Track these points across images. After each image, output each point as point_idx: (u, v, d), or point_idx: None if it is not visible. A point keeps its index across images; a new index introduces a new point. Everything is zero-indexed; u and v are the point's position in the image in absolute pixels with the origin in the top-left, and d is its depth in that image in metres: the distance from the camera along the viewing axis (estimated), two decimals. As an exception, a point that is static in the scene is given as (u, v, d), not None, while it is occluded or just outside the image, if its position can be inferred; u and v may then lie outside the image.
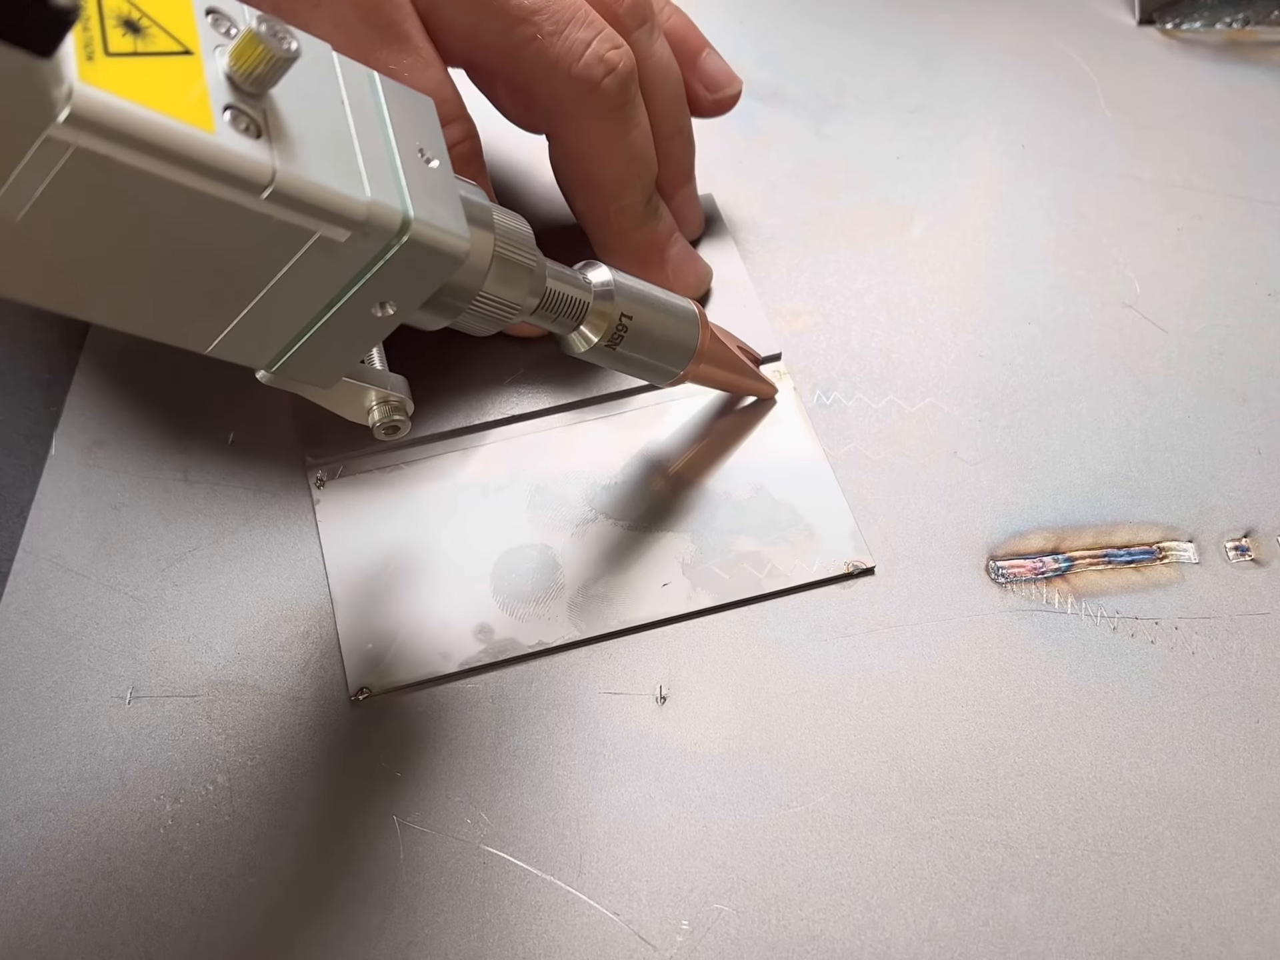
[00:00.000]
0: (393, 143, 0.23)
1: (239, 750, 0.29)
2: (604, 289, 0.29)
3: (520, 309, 0.27)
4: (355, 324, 0.23)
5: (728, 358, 0.33)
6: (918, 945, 0.27)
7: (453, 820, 0.28)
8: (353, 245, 0.21)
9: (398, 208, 0.22)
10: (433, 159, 0.23)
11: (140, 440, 0.35)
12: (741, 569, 0.32)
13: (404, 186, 0.22)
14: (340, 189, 0.21)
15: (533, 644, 0.31)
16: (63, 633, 0.31)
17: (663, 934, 0.27)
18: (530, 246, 0.27)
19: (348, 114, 0.22)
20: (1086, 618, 0.32)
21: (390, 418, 0.27)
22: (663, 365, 0.31)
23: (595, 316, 0.29)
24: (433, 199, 0.23)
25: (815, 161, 0.42)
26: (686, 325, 0.31)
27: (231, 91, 0.20)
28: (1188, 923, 0.27)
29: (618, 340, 0.30)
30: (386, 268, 0.22)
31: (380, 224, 0.21)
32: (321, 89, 0.22)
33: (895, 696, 0.30)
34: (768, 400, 0.35)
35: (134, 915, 0.27)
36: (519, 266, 0.27)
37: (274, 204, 0.20)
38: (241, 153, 0.19)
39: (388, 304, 0.23)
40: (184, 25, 0.20)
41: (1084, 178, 0.42)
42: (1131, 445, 0.35)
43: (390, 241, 0.22)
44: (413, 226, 0.22)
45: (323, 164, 0.21)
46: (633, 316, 0.30)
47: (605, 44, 0.32)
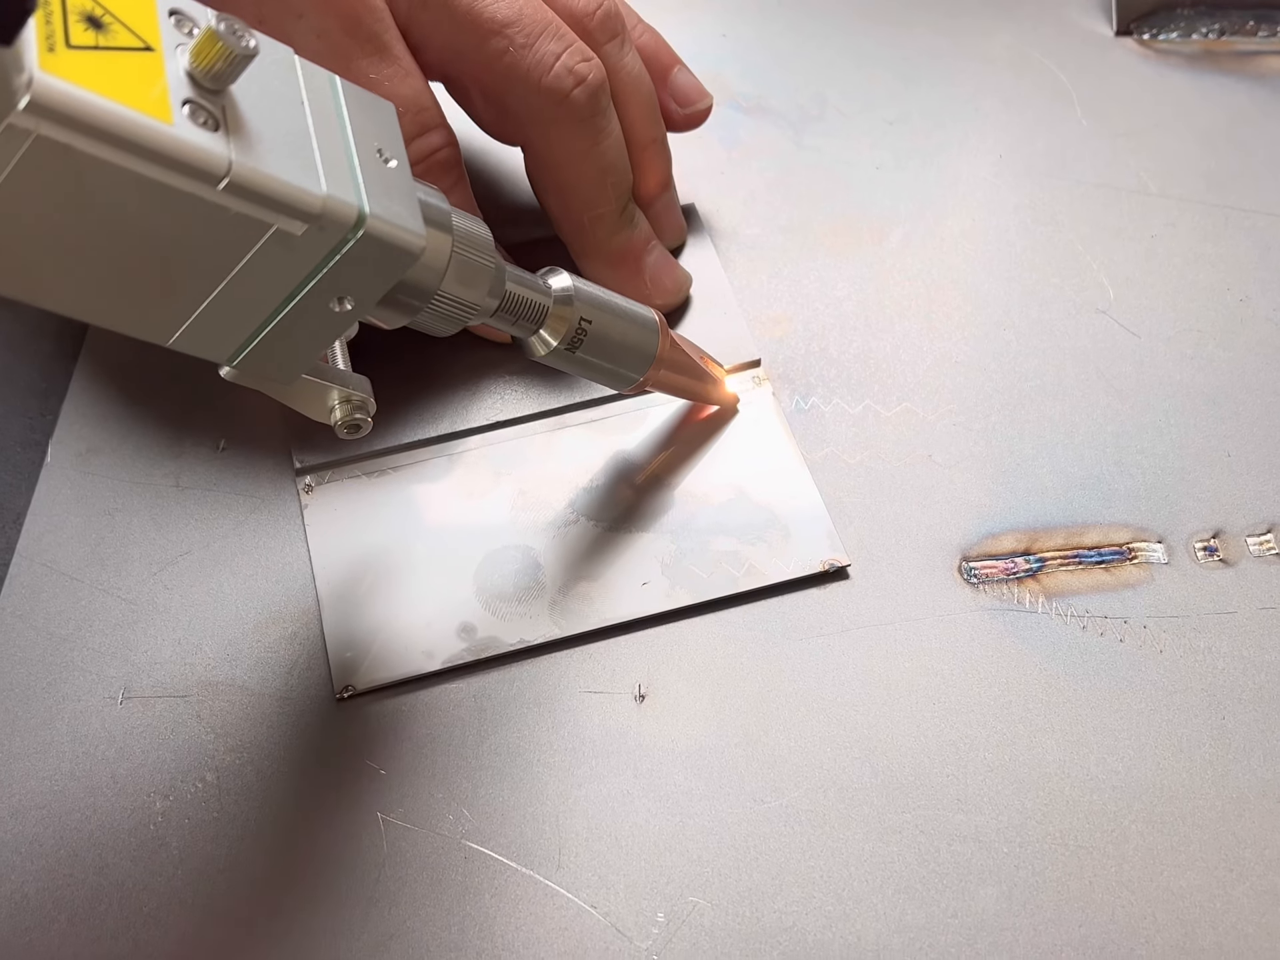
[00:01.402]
0: (351, 142, 0.23)
1: (228, 749, 0.30)
2: (564, 294, 0.30)
3: (479, 310, 0.28)
4: (314, 319, 0.24)
5: (688, 365, 0.34)
6: (888, 937, 0.28)
7: (435, 816, 0.29)
8: (309, 239, 0.22)
9: (353, 203, 0.22)
10: (391, 159, 0.24)
11: (133, 448, 0.35)
12: (720, 568, 0.32)
13: (360, 183, 0.23)
14: (296, 182, 0.21)
15: (514, 642, 0.31)
16: (57, 635, 0.32)
17: (639, 926, 0.28)
18: (489, 249, 0.28)
19: (307, 113, 0.23)
20: (1057, 617, 0.33)
21: (351, 416, 0.28)
22: (622, 370, 0.32)
23: (555, 320, 0.30)
24: (389, 197, 0.23)
25: (796, 172, 0.43)
26: (646, 332, 0.32)
27: (192, 87, 0.21)
28: (1152, 914, 0.28)
29: (577, 344, 0.31)
30: (343, 262, 0.23)
31: (335, 218, 0.22)
32: (281, 88, 0.23)
33: (868, 695, 0.31)
34: (730, 410, 0.36)
35: (124, 909, 0.28)
36: (477, 268, 0.27)
37: (230, 195, 0.21)
38: (198, 144, 0.20)
39: (345, 299, 0.24)
40: (146, 23, 0.21)
41: (1060, 186, 0.42)
42: (1103, 448, 0.36)
43: (346, 236, 0.22)
44: (368, 221, 0.22)
45: (280, 158, 0.21)
46: (592, 321, 0.31)
47: (575, 56, 0.33)
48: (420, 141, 0.32)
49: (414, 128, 0.32)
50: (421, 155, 0.33)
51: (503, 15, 0.33)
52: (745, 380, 0.37)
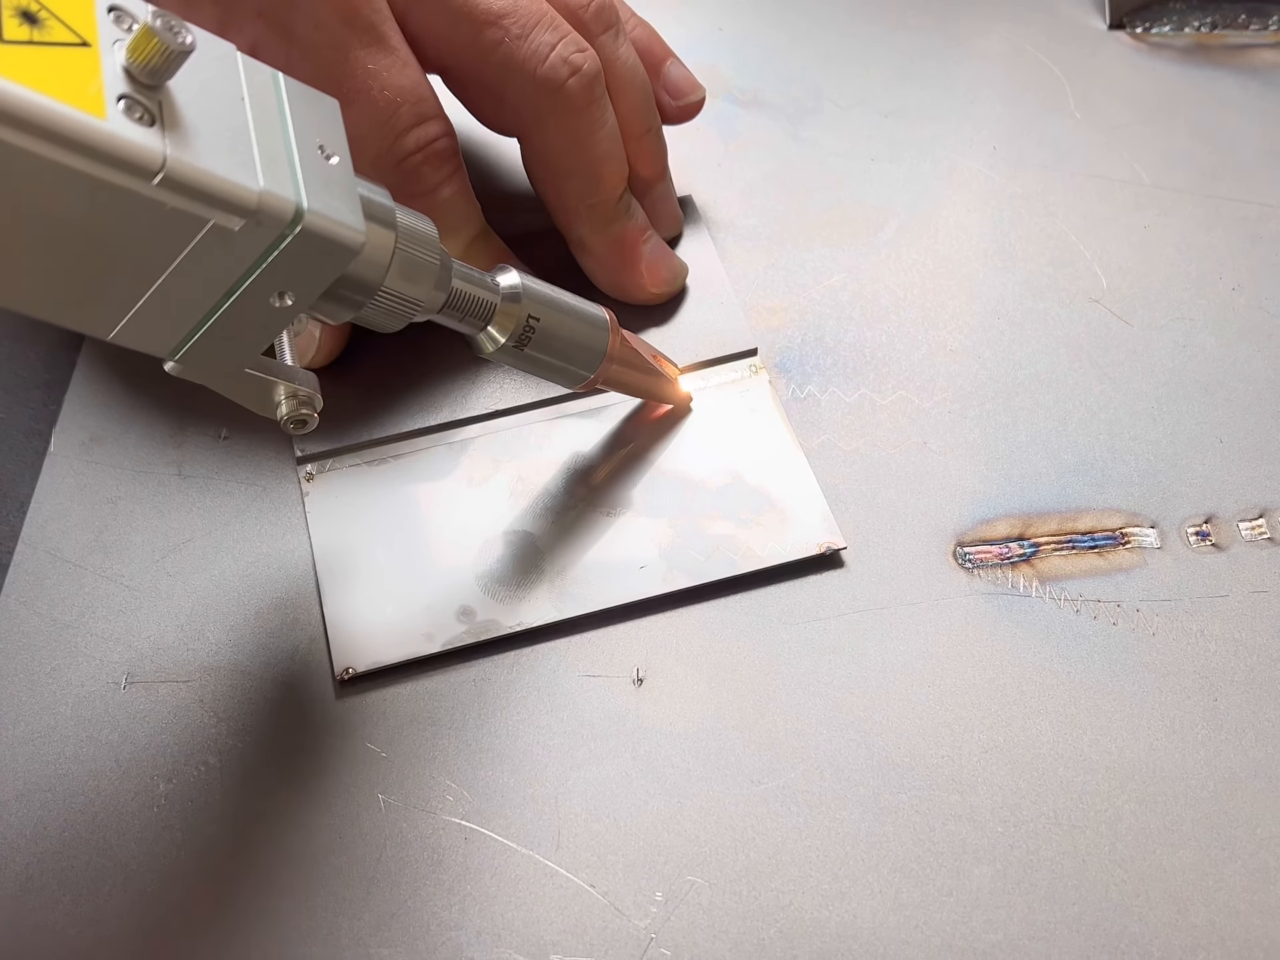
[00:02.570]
0: (291, 137, 0.23)
1: (230, 733, 0.30)
2: (511, 291, 0.30)
3: (424, 306, 0.28)
4: (255, 314, 0.24)
5: (639, 364, 0.34)
6: (883, 915, 0.28)
7: (435, 797, 0.29)
8: (247, 234, 0.22)
9: (291, 198, 0.22)
10: (333, 156, 0.24)
11: (136, 437, 0.36)
12: (717, 551, 0.33)
13: (299, 178, 0.23)
14: (232, 177, 0.21)
15: (513, 624, 0.32)
16: (61, 621, 0.32)
17: (637, 905, 0.28)
18: (433, 246, 0.28)
19: (247, 108, 0.23)
20: (1050, 601, 0.33)
21: (298, 412, 0.28)
22: (572, 368, 0.32)
23: (502, 317, 0.30)
24: (329, 192, 0.23)
25: (792, 164, 0.43)
26: (596, 330, 0.32)
27: (128, 83, 0.21)
28: (1145, 892, 0.28)
29: (525, 341, 0.31)
30: (281, 257, 0.23)
31: (272, 213, 0.22)
32: (222, 84, 0.23)
33: (864, 678, 0.31)
34: (683, 409, 0.36)
35: (128, 890, 0.28)
36: (421, 264, 0.27)
37: (166, 190, 0.21)
38: (132, 139, 0.20)
39: (286, 294, 0.24)
40: (83, 19, 0.21)
41: (1053, 177, 0.43)
42: (1096, 435, 0.36)
43: (284, 231, 0.23)
44: (306, 217, 0.23)
45: (216, 153, 0.22)
46: (540, 318, 0.31)
47: (570, 47, 0.33)
48: (418, 131, 0.33)
49: (411, 118, 0.33)
50: (419, 145, 0.33)
51: (498, 7, 0.33)
52: (742, 369, 0.37)
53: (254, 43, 0.33)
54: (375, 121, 0.32)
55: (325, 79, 0.32)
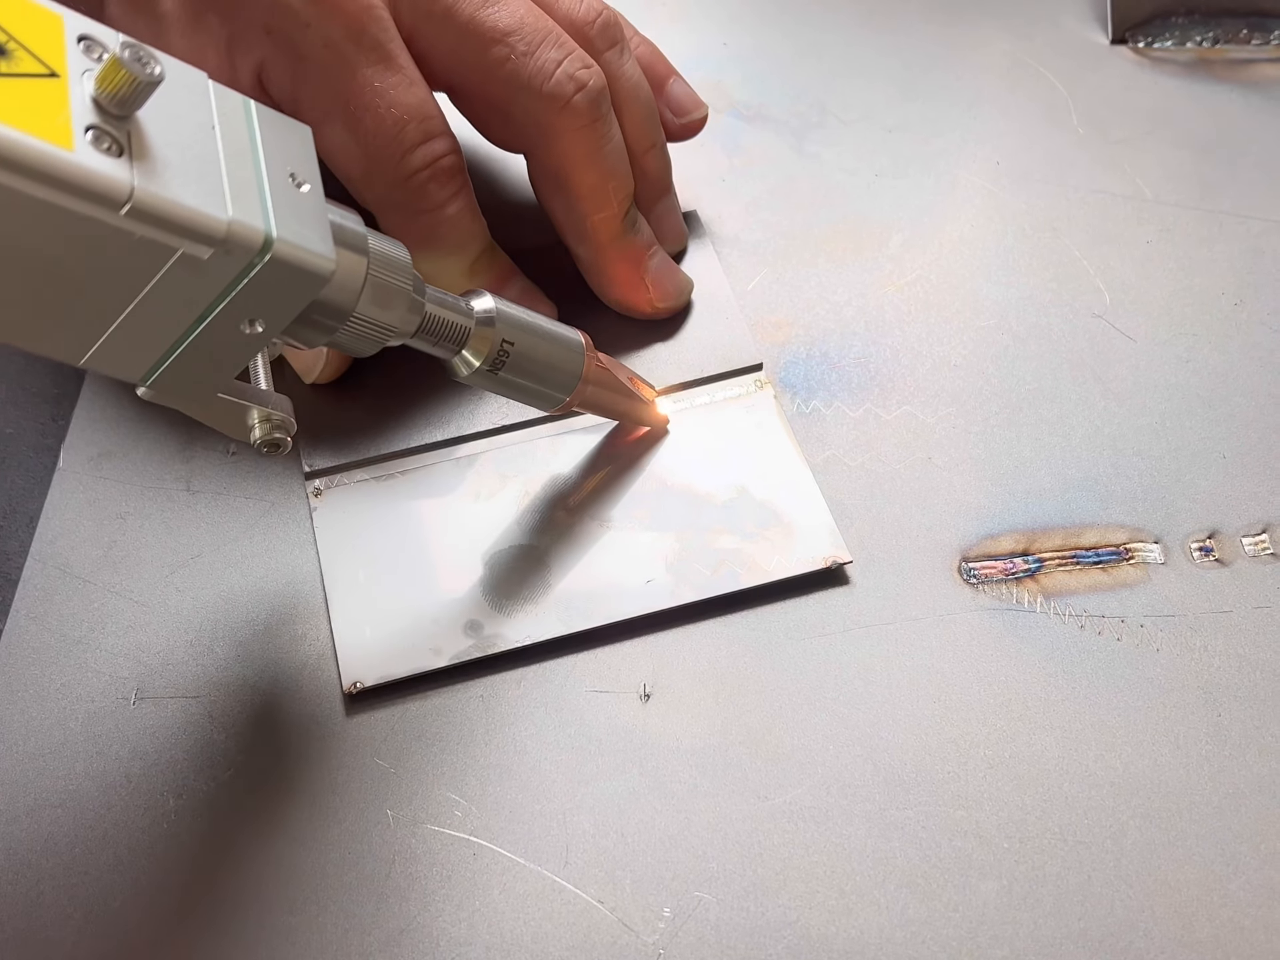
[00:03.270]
0: (262, 166, 0.24)
1: (239, 748, 0.31)
2: (486, 315, 0.30)
3: (397, 331, 0.28)
4: (225, 341, 0.24)
5: (615, 386, 0.34)
6: (890, 931, 0.28)
7: (444, 813, 0.30)
8: (216, 262, 0.22)
9: (260, 226, 0.23)
10: (304, 184, 0.24)
11: (145, 452, 0.36)
12: (723, 565, 0.33)
13: (269, 207, 0.23)
14: (201, 207, 0.22)
15: (521, 638, 0.32)
16: (70, 637, 0.32)
17: (645, 921, 0.28)
18: (406, 271, 0.28)
19: (218, 137, 0.23)
20: (1055, 616, 0.33)
21: (271, 435, 0.28)
22: (547, 391, 0.32)
23: (477, 341, 0.30)
24: (299, 220, 0.24)
25: (796, 179, 0.43)
26: (571, 353, 0.32)
27: (97, 113, 0.21)
28: (1150, 908, 0.29)
29: (500, 365, 0.31)
30: (251, 285, 0.23)
31: (241, 242, 0.22)
32: (192, 113, 0.23)
33: (870, 693, 0.32)
34: (660, 431, 0.36)
35: (139, 905, 0.28)
36: (394, 290, 0.28)
37: (133, 220, 0.21)
38: (99, 169, 0.20)
39: (256, 321, 0.24)
40: (52, 50, 0.21)
41: (1056, 192, 0.43)
42: (1100, 450, 0.36)
43: (253, 259, 0.23)
44: (275, 245, 0.23)
45: (185, 183, 0.22)
46: (514, 343, 0.31)
47: (575, 63, 0.34)
48: (424, 148, 0.33)
49: (418, 135, 0.33)
50: (426, 162, 0.33)
51: (504, 24, 0.34)
52: (747, 384, 0.37)
53: (262, 61, 0.33)
54: (382, 139, 0.33)
55: (333, 97, 0.33)
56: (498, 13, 0.34)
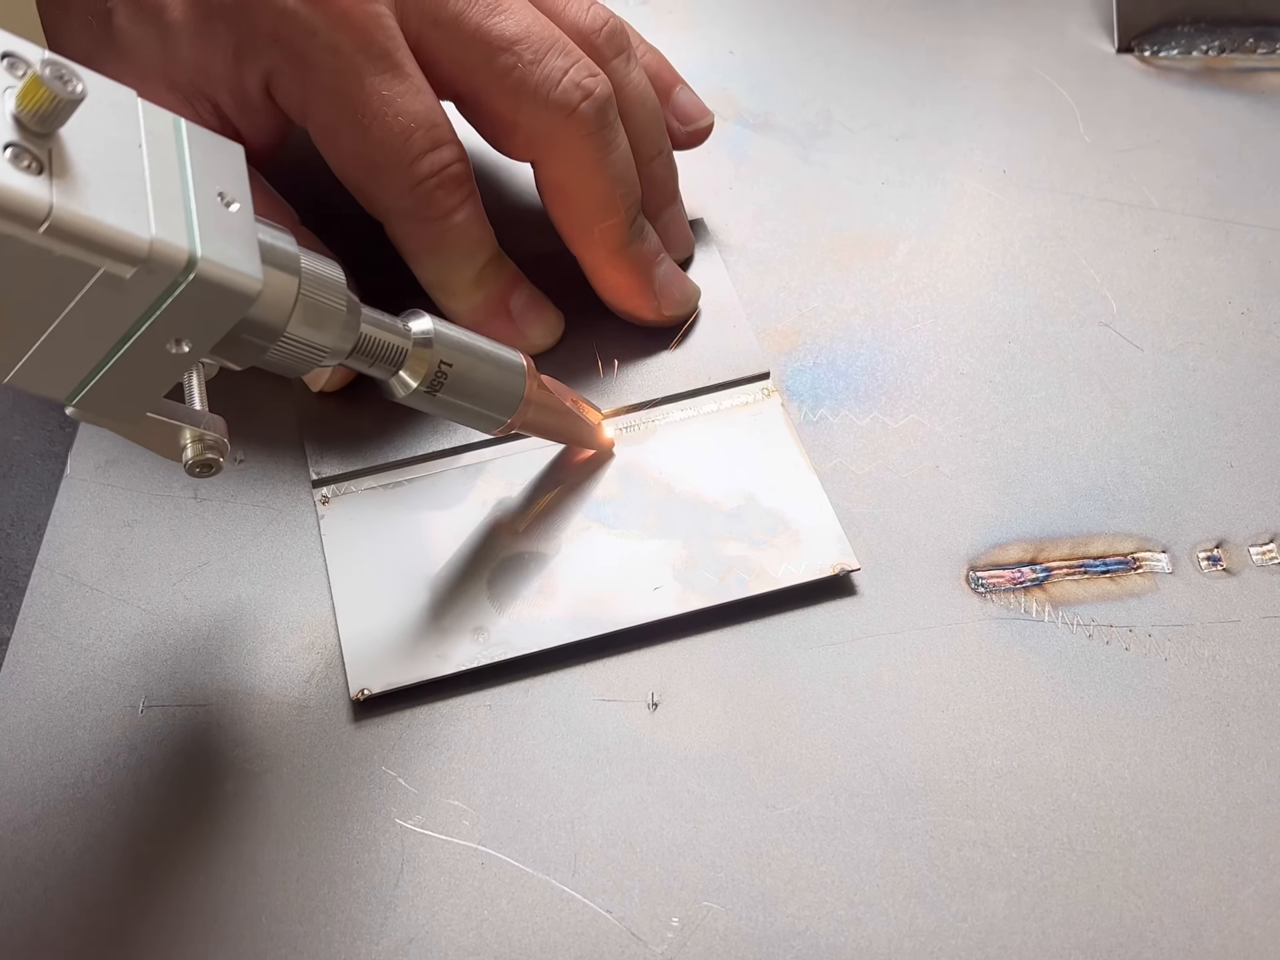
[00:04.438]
0: (190, 185, 0.23)
1: (246, 756, 0.31)
2: (423, 336, 0.30)
3: (331, 352, 0.28)
4: (151, 360, 0.24)
5: (558, 409, 0.34)
6: (899, 940, 0.28)
7: (451, 822, 0.30)
8: (139, 281, 0.22)
9: (184, 245, 0.22)
10: (234, 203, 0.24)
11: (152, 460, 0.36)
12: (731, 572, 0.33)
13: (195, 226, 0.23)
14: (122, 225, 0.22)
15: (528, 645, 0.32)
16: (78, 645, 0.32)
17: (654, 930, 0.28)
18: (339, 292, 0.28)
19: (144, 156, 0.23)
20: (1063, 625, 0.33)
21: (203, 455, 0.27)
22: (487, 413, 0.32)
23: (414, 362, 0.30)
24: (225, 240, 0.23)
25: (803, 187, 0.43)
26: (512, 375, 0.32)
27: (17, 130, 0.21)
28: (1159, 918, 0.29)
29: (438, 386, 0.31)
30: (176, 304, 0.23)
31: (164, 261, 0.22)
32: (118, 132, 0.23)
33: (878, 702, 0.32)
34: (606, 454, 0.36)
35: (147, 915, 0.28)
36: (326, 310, 0.27)
37: (52, 238, 0.21)
38: (16, 187, 0.20)
39: (183, 341, 0.24)
40: None
41: (1063, 201, 0.43)
42: (1107, 459, 0.36)
43: (177, 278, 0.23)
44: (199, 265, 0.23)
45: (106, 201, 0.22)
46: (453, 364, 0.30)
47: (582, 71, 0.34)
48: (432, 156, 0.33)
49: (426, 143, 0.33)
50: (433, 170, 0.33)
51: (511, 33, 0.34)
52: (754, 392, 0.37)
53: (270, 69, 0.33)
54: (390, 146, 0.33)
55: (340, 104, 0.33)
56: (504, 21, 0.34)
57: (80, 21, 0.34)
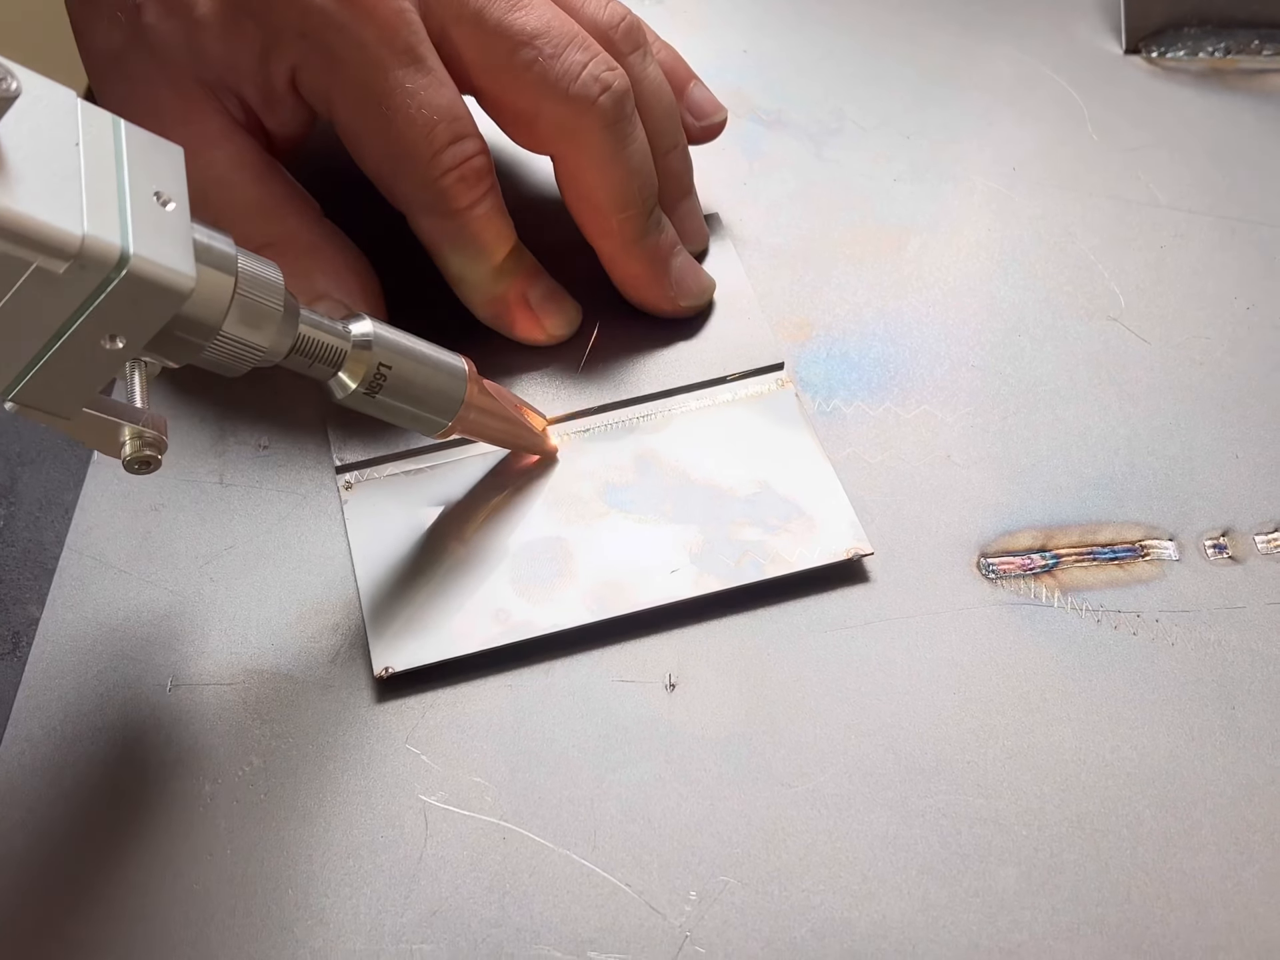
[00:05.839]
0: (126, 184, 0.24)
1: (273, 734, 0.31)
2: (363, 339, 0.30)
3: (267, 351, 0.28)
4: (85, 356, 0.24)
5: (500, 414, 0.34)
6: (911, 915, 0.29)
7: (474, 798, 0.30)
8: (72, 277, 0.23)
9: (116, 242, 0.23)
10: (170, 202, 0.25)
11: (178, 445, 0.37)
12: (747, 556, 0.34)
13: (128, 224, 0.23)
14: (55, 222, 0.22)
15: (548, 626, 0.32)
16: (106, 625, 0.33)
17: (672, 904, 0.29)
18: (277, 293, 0.28)
19: (80, 155, 0.23)
20: (1072, 611, 0.34)
21: (141, 452, 0.27)
22: (427, 415, 0.32)
23: (353, 363, 0.30)
24: (159, 238, 0.24)
25: (816, 183, 0.44)
26: (453, 379, 0.32)
27: None
28: (1165, 895, 0.29)
29: (377, 388, 0.31)
30: (108, 301, 0.23)
31: (95, 257, 0.23)
32: (54, 131, 0.23)
33: (891, 684, 0.32)
34: (550, 460, 0.36)
35: (176, 887, 0.29)
36: (262, 310, 0.28)
37: None
38: None
39: (117, 338, 0.24)
40: None
41: (1071, 198, 0.44)
42: (1115, 450, 0.37)
43: (109, 275, 0.23)
44: (131, 261, 0.23)
45: (39, 198, 0.22)
46: (392, 366, 0.31)
47: (600, 65, 0.34)
48: (454, 149, 0.34)
49: (448, 135, 0.34)
50: (455, 162, 0.34)
51: (531, 27, 0.34)
52: (769, 383, 0.38)
53: (296, 63, 0.34)
54: (413, 139, 0.33)
55: (365, 98, 0.33)
56: (525, 16, 0.34)
57: (109, 17, 0.34)
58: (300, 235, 0.36)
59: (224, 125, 0.35)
